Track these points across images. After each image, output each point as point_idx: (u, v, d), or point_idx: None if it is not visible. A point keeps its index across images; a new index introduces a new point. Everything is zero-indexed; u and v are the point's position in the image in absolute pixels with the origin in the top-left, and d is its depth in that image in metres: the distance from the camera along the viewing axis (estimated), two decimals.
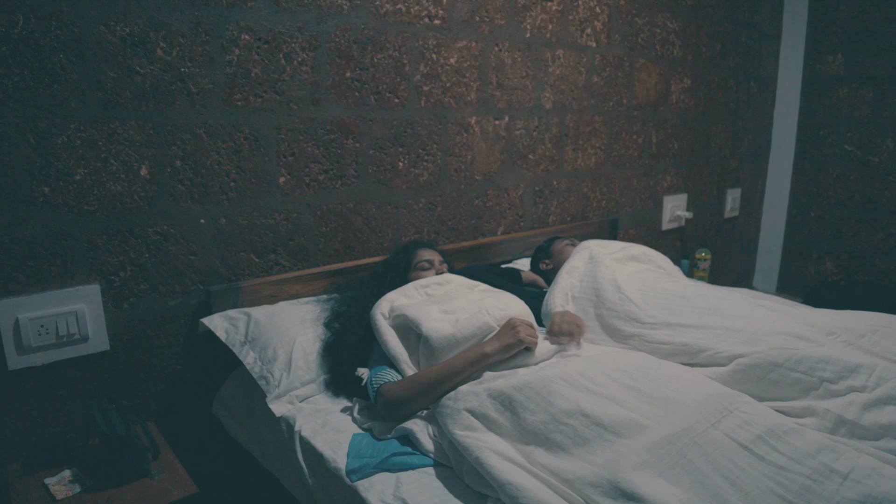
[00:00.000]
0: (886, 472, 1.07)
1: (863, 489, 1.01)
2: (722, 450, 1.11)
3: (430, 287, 1.68)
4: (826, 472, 1.05)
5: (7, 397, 1.52)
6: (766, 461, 1.08)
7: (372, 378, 1.47)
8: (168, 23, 1.60)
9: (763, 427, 1.15)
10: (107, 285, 1.62)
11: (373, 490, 1.21)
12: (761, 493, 1.02)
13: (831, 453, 1.09)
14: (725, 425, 1.17)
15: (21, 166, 1.46)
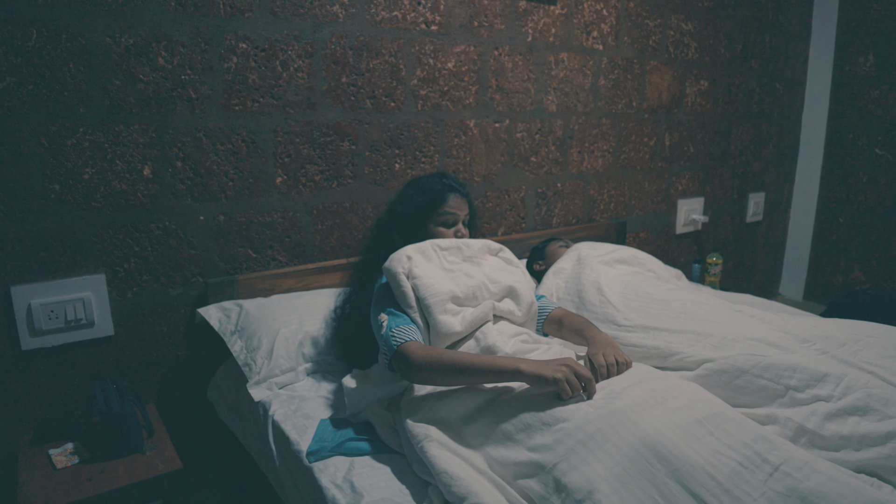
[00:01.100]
0: (820, 467, 1.07)
1: (791, 482, 1.01)
2: (657, 427, 1.11)
3: (450, 251, 1.56)
4: (758, 461, 1.04)
5: (20, 375, 1.68)
6: (702, 442, 1.08)
7: (392, 329, 1.38)
8: (169, 33, 1.73)
9: (704, 412, 1.16)
10: (112, 275, 1.77)
11: (326, 472, 1.30)
12: (691, 469, 1.03)
13: (767, 444, 1.08)
14: (668, 406, 1.17)
15: (35, 166, 1.61)
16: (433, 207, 1.62)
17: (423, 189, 1.64)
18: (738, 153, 3.43)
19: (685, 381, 1.35)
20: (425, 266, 1.48)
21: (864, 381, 1.37)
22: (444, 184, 1.64)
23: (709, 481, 1.01)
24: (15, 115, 1.56)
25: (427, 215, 1.62)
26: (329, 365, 1.76)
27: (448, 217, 1.62)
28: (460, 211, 1.64)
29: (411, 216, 1.62)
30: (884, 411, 1.29)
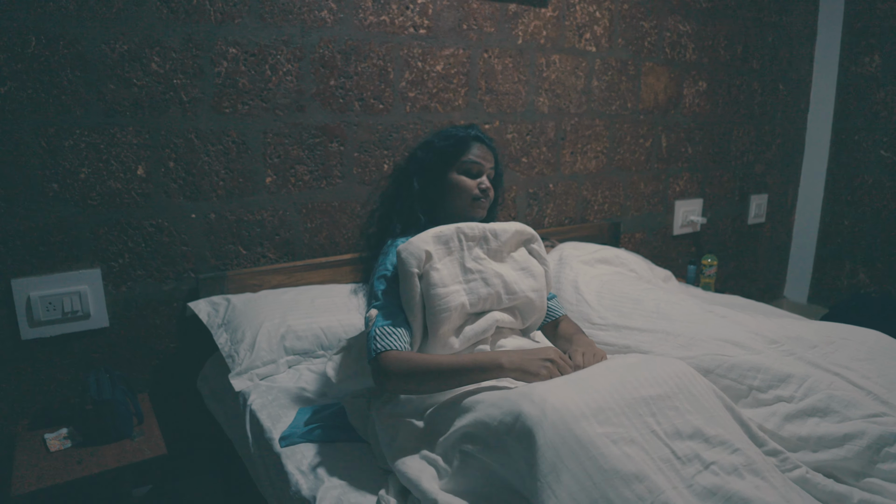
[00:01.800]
0: (748, 474, 1.09)
1: (718, 481, 1.01)
2: (608, 389, 1.10)
3: (476, 243, 1.42)
4: (691, 455, 1.05)
5: (19, 363, 1.78)
6: (642, 420, 1.07)
7: (376, 329, 1.31)
8: (162, 40, 1.81)
9: (651, 393, 1.12)
10: (107, 270, 1.86)
11: (293, 458, 1.36)
12: (631, 429, 1.04)
13: (703, 443, 1.08)
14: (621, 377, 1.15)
15: (34, 165, 1.71)
16: (456, 154, 1.47)
17: (447, 135, 1.51)
18: (739, 154, 3.42)
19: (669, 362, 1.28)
20: (443, 265, 1.36)
21: (828, 383, 1.38)
22: (469, 132, 1.51)
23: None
24: (15, 118, 1.66)
25: (449, 162, 1.47)
26: (311, 357, 1.83)
27: (472, 166, 1.47)
28: (485, 162, 1.49)
29: (432, 162, 1.48)
30: (844, 413, 1.30)
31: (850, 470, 1.24)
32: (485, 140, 1.52)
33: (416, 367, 1.25)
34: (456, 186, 1.47)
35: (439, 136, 1.51)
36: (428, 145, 1.51)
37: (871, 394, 1.38)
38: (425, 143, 1.53)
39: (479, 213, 1.50)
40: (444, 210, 1.50)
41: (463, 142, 1.48)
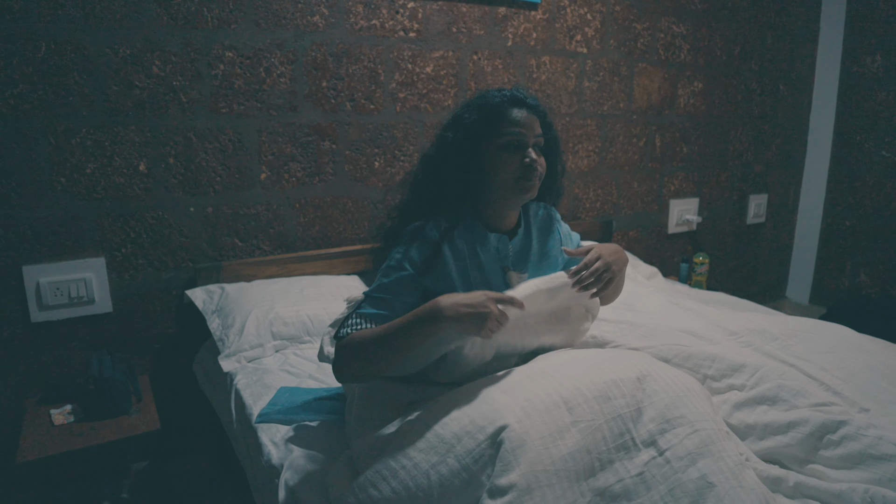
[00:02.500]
0: (701, 463, 1.08)
1: (667, 470, 1.06)
2: (568, 375, 1.15)
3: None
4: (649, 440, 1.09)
5: (29, 344, 1.93)
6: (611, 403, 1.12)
7: (354, 313, 1.20)
8: (162, 44, 1.95)
9: (607, 379, 1.15)
10: (111, 259, 2.00)
11: (268, 431, 1.47)
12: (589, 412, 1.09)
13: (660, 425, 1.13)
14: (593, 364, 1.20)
15: (44, 161, 1.86)
16: (491, 127, 1.23)
17: (478, 105, 1.26)
18: (738, 154, 3.45)
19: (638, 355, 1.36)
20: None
21: (780, 373, 1.42)
22: (503, 96, 1.25)
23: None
24: (27, 117, 1.81)
25: (483, 138, 1.24)
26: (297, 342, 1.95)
27: (511, 138, 1.22)
28: (528, 130, 1.23)
29: (464, 143, 1.24)
30: (791, 402, 1.35)
31: (795, 457, 1.28)
32: (525, 101, 1.26)
33: (361, 341, 1.13)
34: (495, 166, 1.23)
35: (469, 109, 1.27)
36: (457, 122, 1.27)
37: (823, 384, 1.43)
38: (455, 119, 1.29)
39: (528, 194, 1.27)
40: (486, 195, 1.29)
41: (496, 111, 1.23)
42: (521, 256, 1.37)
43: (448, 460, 1.00)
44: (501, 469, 0.96)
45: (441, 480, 1.00)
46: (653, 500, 1.01)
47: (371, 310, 1.19)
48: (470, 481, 0.99)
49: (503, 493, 0.94)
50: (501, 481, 0.95)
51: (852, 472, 1.20)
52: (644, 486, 1.03)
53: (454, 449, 1.01)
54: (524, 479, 0.95)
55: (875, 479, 1.16)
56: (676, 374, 1.26)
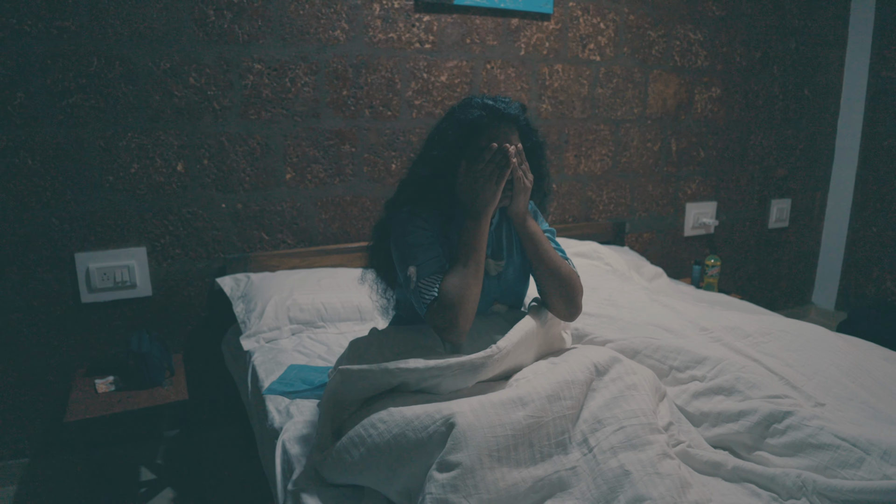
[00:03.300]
0: (623, 457, 1.17)
1: (593, 463, 1.17)
2: (535, 372, 1.30)
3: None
4: (581, 439, 1.21)
5: (80, 322, 2.19)
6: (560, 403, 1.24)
7: (420, 283, 1.30)
8: (198, 58, 2.18)
9: (562, 380, 1.26)
10: (151, 248, 2.25)
11: (274, 400, 1.67)
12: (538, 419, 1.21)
13: (596, 425, 1.24)
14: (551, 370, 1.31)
15: (95, 161, 2.11)
16: (470, 142, 1.31)
17: (458, 119, 1.33)
18: (758, 159, 3.47)
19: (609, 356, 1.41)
20: None
21: (739, 366, 1.52)
22: (484, 108, 1.31)
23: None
24: (81, 123, 2.07)
25: (463, 153, 1.32)
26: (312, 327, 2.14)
27: (486, 153, 1.29)
28: (503, 142, 1.30)
29: (446, 157, 1.34)
30: (746, 393, 1.44)
31: (744, 444, 1.39)
32: (502, 113, 1.32)
33: (447, 290, 1.26)
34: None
35: (451, 122, 1.35)
36: (439, 138, 1.37)
37: (782, 379, 1.51)
38: (439, 133, 1.38)
39: (502, 203, 1.35)
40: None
41: (475, 127, 1.31)
42: (497, 246, 1.48)
43: (407, 433, 1.15)
44: (451, 447, 1.09)
45: (400, 450, 1.14)
46: (581, 489, 1.14)
47: (426, 268, 1.31)
48: (423, 453, 1.13)
49: (450, 468, 1.08)
50: (450, 458, 1.08)
51: (794, 458, 1.29)
52: (576, 478, 1.16)
53: (412, 423, 1.15)
54: (469, 460, 1.08)
55: (812, 465, 1.25)
56: (628, 372, 1.34)
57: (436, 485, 1.06)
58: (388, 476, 1.15)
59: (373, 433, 1.18)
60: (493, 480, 1.08)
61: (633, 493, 1.07)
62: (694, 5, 3.04)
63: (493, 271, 1.46)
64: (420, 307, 1.30)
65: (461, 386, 1.24)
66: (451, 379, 1.23)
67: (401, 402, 1.22)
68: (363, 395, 1.29)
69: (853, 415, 1.41)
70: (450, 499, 1.04)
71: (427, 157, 1.40)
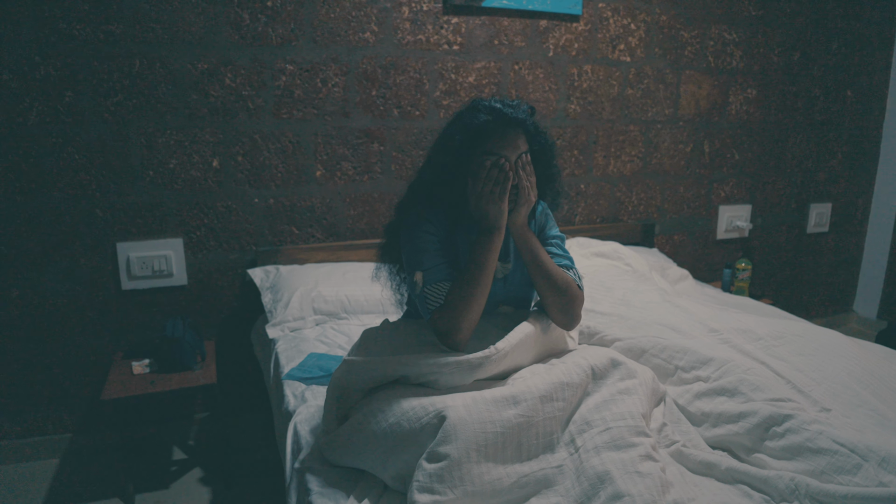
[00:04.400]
0: (606, 456, 1.20)
1: (578, 462, 1.21)
2: (533, 372, 1.34)
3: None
4: (568, 439, 1.25)
5: (120, 308, 2.33)
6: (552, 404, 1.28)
7: (426, 289, 1.34)
8: (233, 59, 2.29)
9: (556, 381, 1.31)
10: (187, 239, 2.37)
11: (291, 386, 1.75)
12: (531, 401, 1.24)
13: (583, 426, 1.27)
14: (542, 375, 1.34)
15: (136, 157, 2.25)
16: (475, 147, 1.33)
17: (465, 124, 1.33)
18: (797, 162, 3.39)
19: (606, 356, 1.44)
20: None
21: (744, 368, 1.51)
22: (491, 112, 1.32)
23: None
24: (124, 121, 2.20)
25: (469, 157, 1.33)
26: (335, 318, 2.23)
27: (493, 159, 1.31)
28: (510, 150, 1.32)
29: (452, 162, 1.36)
30: (749, 395, 1.44)
31: (743, 445, 1.39)
32: (509, 118, 1.33)
33: (451, 298, 1.30)
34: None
35: (457, 127, 1.36)
36: (446, 143, 1.38)
37: (789, 383, 1.51)
38: (446, 138, 1.39)
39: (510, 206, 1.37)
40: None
41: (481, 131, 1.32)
42: (505, 249, 1.49)
43: (402, 422, 1.20)
44: (441, 439, 1.14)
45: (395, 438, 1.20)
46: (566, 486, 1.18)
47: (432, 274, 1.35)
48: (416, 443, 1.18)
49: (438, 459, 1.13)
50: (439, 449, 1.13)
51: (791, 462, 1.29)
52: (561, 476, 1.19)
53: (407, 414, 1.20)
54: (457, 452, 1.12)
55: (808, 470, 1.25)
56: (624, 377, 1.36)
57: (424, 473, 1.11)
58: (383, 461, 1.21)
59: (371, 420, 1.24)
60: (478, 474, 1.13)
61: (612, 491, 1.10)
62: (729, 5, 2.99)
63: (500, 274, 1.49)
64: (425, 313, 1.35)
65: (458, 383, 1.29)
66: (448, 376, 1.28)
67: (400, 393, 1.27)
68: (367, 385, 1.35)
69: (860, 421, 1.40)
70: (435, 488, 1.09)
71: (434, 161, 1.42)
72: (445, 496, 1.09)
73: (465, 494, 1.10)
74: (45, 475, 2.25)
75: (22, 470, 2.27)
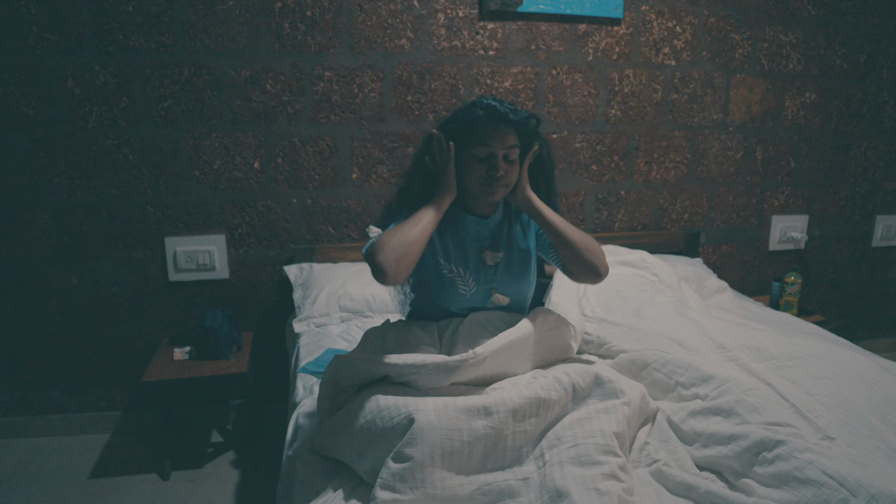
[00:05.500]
0: (568, 471, 1.19)
1: (540, 477, 1.22)
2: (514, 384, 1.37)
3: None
4: (538, 453, 1.26)
5: (167, 298, 2.51)
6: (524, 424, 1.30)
7: (374, 236, 1.40)
8: (274, 66, 2.41)
9: (533, 396, 1.30)
10: (229, 236, 2.52)
11: (303, 378, 1.84)
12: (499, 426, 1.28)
13: (554, 440, 1.28)
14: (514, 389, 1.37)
15: (184, 158, 2.41)
16: (467, 137, 1.40)
17: (460, 116, 1.42)
18: (863, 171, 3.18)
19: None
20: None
21: (745, 389, 1.46)
22: (487, 110, 1.39)
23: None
24: (173, 124, 2.37)
25: (462, 146, 1.42)
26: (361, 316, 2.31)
27: (480, 150, 1.39)
28: (499, 144, 1.39)
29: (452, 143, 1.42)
30: (745, 417, 1.39)
31: (732, 469, 1.35)
32: (501, 115, 1.38)
33: (391, 231, 1.34)
34: (465, 170, 1.43)
35: (454, 117, 1.44)
36: (443, 128, 1.45)
37: (793, 407, 1.43)
38: (439, 126, 1.47)
39: (492, 197, 1.45)
40: (462, 187, 1.47)
41: (473, 124, 1.39)
42: (496, 238, 1.55)
43: (377, 420, 1.25)
44: (408, 440, 1.18)
45: (370, 434, 1.26)
46: (528, 498, 1.19)
47: (386, 226, 1.45)
48: (387, 441, 1.23)
49: (403, 460, 1.17)
50: (405, 450, 1.18)
51: (777, 490, 1.24)
52: (526, 488, 1.21)
53: (382, 413, 1.26)
54: (421, 455, 1.16)
55: (793, 500, 1.19)
56: (604, 396, 1.36)
57: (388, 472, 1.16)
58: (359, 456, 1.27)
59: (352, 416, 1.30)
60: (440, 478, 1.16)
61: None
62: (785, 5, 2.85)
63: (492, 261, 1.53)
64: (364, 251, 1.38)
65: (436, 384, 1.33)
66: (426, 377, 1.32)
67: (382, 391, 1.32)
68: (356, 382, 1.41)
69: (865, 453, 1.32)
70: (397, 486, 1.14)
71: (427, 145, 1.48)
72: (405, 496, 1.13)
73: (425, 496, 1.14)
74: (95, 448, 2.46)
75: (77, 442, 2.49)
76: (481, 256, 1.53)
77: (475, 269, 1.52)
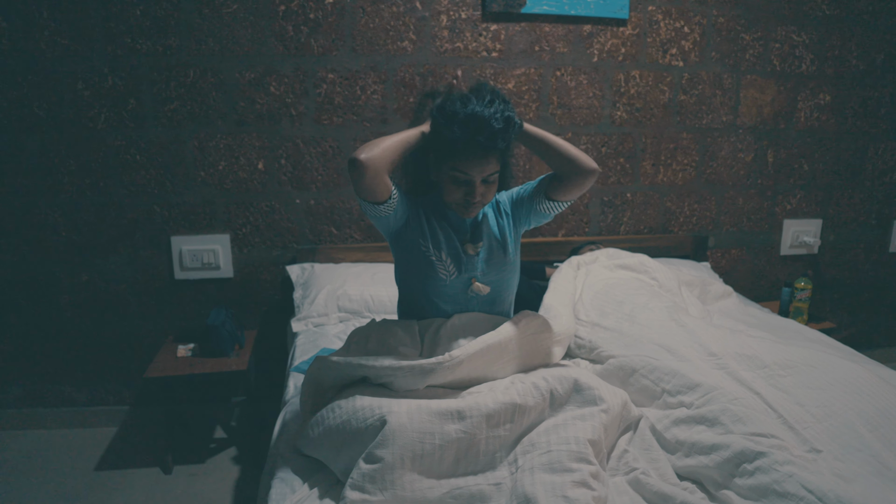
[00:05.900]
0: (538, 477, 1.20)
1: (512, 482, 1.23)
2: (491, 388, 1.39)
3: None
4: (513, 458, 1.28)
5: (172, 296, 2.56)
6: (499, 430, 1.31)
7: None
8: (278, 69, 2.44)
9: (509, 401, 1.32)
10: (234, 236, 2.56)
11: (295, 378, 1.87)
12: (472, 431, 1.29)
13: (529, 447, 1.29)
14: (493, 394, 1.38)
15: (190, 159, 2.46)
16: (447, 157, 1.41)
17: (440, 125, 1.39)
18: (879, 174, 3.10)
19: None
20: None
21: (731, 398, 1.44)
22: (464, 125, 1.34)
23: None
24: (179, 126, 2.42)
25: (442, 160, 1.43)
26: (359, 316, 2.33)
27: (458, 175, 1.41)
28: (476, 172, 1.39)
29: (434, 151, 1.47)
30: (729, 426, 1.38)
31: (713, 479, 1.33)
32: (482, 143, 1.36)
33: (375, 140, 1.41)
34: (444, 184, 1.46)
35: (447, 122, 1.38)
36: (436, 131, 1.42)
37: (780, 417, 1.41)
38: (436, 126, 1.42)
39: (467, 216, 1.50)
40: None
41: (453, 147, 1.38)
42: (476, 231, 1.59)
43: (352, 421, 1.27)
44: (380, 442, 1.20)
45: (345, 434, 1.28)
46: (500, 503, 1.20)
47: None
48: (360, 442, 1.24)
49: (374, 461, 1.19)
50: (376, 451, 1.19)
51: (756, 503, 1.22)
52: (498, 493, 1.22)
53: (357, 414, 1.28)
54: (392, 457, 1.18)
55: None
56: (582, 403, 1.37)
57: (358, 472, 1.17)
58: (334, 455, 1.28)
59: (329, 416, 1.32)
60: (409, 481, 1.17)
61: None
62: (798, 5, 2.79)
63: (472, 252, 1.57)
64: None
65: (412, 386, 1.34)
66: (402, 379, 1.33)
67: (359, 392, 1.34)
68: (337, 382, 1.43)
69: (853, 467, 1.29)
70: (366, 487, 1.15)
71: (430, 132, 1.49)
72: (374, 497, 1.14)
73: (394, 498, 1.15)
74: (102, 441, 2.52)
75: (84, 435, 2.56)
76: (463, 248, 1.56)
77: (455, 256, 1.56)
